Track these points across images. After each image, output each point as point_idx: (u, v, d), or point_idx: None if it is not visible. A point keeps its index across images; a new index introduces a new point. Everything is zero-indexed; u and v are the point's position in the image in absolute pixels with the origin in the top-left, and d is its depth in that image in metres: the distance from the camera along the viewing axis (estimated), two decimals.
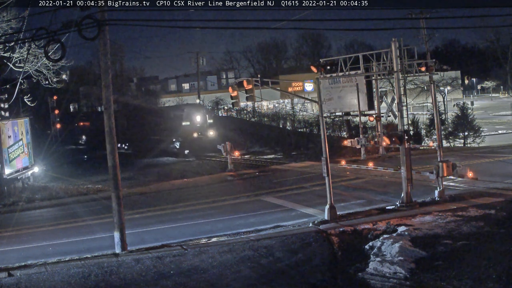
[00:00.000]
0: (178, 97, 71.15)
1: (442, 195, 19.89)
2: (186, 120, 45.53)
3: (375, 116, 33.10)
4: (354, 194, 22.79)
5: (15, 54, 24.99)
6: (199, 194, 26.14)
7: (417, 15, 45.16)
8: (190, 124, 45.18)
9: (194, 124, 45.06)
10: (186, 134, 44.25)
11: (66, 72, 63.84)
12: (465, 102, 55.25)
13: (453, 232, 15.39)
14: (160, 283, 13.04)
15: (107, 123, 16.47)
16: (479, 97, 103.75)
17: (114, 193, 16.40)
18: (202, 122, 45.65)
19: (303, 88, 73.03)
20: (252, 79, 19.66)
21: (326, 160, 18.53)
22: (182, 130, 44.74)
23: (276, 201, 22.49)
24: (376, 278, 12.43)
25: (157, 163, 40.91)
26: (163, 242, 16.72)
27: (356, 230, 16.68)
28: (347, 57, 25.52)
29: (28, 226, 21.64)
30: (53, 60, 19.95)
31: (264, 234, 17.03)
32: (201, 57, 67.24)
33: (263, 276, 13.10)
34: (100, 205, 24.42)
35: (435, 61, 23.36)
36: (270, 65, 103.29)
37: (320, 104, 19.26)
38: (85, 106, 78.48)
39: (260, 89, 20.15)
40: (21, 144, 31.38)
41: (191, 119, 45.37)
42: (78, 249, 16.79)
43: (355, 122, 38.04)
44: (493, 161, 28.83)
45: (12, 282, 13.59)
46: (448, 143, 43.12)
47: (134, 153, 47.97)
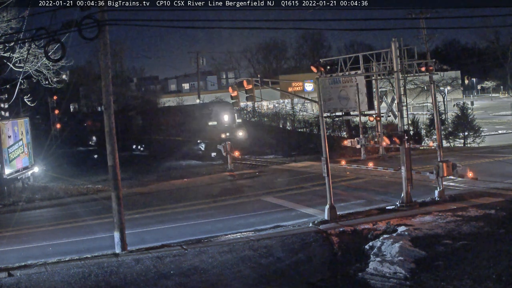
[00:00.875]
0: (178, 97, 71.10)
1: (442, 195, 19.89)
2: (213, 120, 41.42)
3: (375, 116, 33.13)
4: (354, 194, 22.79)
5: (15, 54, 24.99)
6: (199, 194, 26.14)
7: (417, 15, 45.20)
8: (217, 124, 41.10)
9: (221, 124, 40.97)
10: (213, 135, 40.11)
11: (66, 72, 63.87)
12: (465, 102, 55.25)
13: (453, 232, 15.38)
14: (160, 283, 13.04)
15: (107, 123, 16.47)
16: (479, 97, 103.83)
17: (114, 193, 16.40)
18: (230, 122, 41.74)
19: (303, 88, 73.01)
20: (252, 79, 19.65)
21: (326, 160, 18.54)
22: (208, 131, 40.78)
23: (276, 201, 22.50)
24: (376, 278, 12.44)
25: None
26: (163, 242, 16.71)
27: (356, 230, 16.68)
28: (347, 57, 25.54)
29: (28, 226, 21.63)
30: (53, 60, 19.95)
31: (264, 234, 17.03)
32: (201, 57, 67.19)
33: (263, 276, 13.11)
34: (100, 205, 24.41)
35: (435, 61, 23.36)
36: (270, 65, 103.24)
37: (320, 104, 19.26)
38: (85, 106, 78.44)
39: (260, 89, 20.15)
40: (21, 144, 31.37)
41: (218, 118, 41.31)
42: (78, 249, 16.78)
43: (355, 122, 38.02)
44: (493, 161, 28.82)
45: (12, 282, 13.59)
46: (448, 143, 43.12)
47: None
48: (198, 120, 42.08)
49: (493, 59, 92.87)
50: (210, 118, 41.47)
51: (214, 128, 40.72)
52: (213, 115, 41.53)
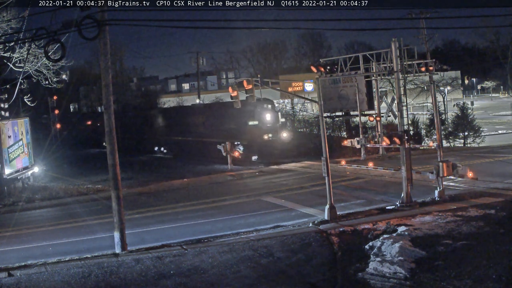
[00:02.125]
0: (178, 97, 71.10)
1: (442, 195, 19.90)
2: (253, 119, 36.93)
3: (375, 116, 33.15)
4: (354, 194, 22.79)
5: (15, 54, 25.00)
6: (199, 194, 26.13)
7: (417, 15, 45.19)
8: (258, 124, 36.64)
9: (264, 124, 36.60)
10: (253, 136, 35.88)
11: (66, 72, 63.78)
12: (465, 102, 55.24)
13: (453, 232, 15.39)
14: (160, 283, 13.04)
15: (107, 123, 16.47)
16: (479, 97, 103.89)
17: (114, 193, 16.42)
18: (273, 122, 37.39)
19: (303, 88, 73.03)
20: (252, 79, 19.66)
21: (326, 160, 18.55)
22: (247, 131, 36.38)
23: (276, 201, 22.50)
24: (376, 278, 12.44)
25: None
26: (163, 242, 16.72)
27: (356, 230, 16.68)
28: (347, 57, 25.53)
29: (28, 226, 21.63)
30: (53, 60, 19.97)
31: (264, 234, 17.03)
32: (201, 57, 67.18)
33: (263, 276, 13.10)
34: (100, 205, 24.42)
35: (435, 61, 23.38)
36: (270, 65, 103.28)
37: (320, 104, 19.27)
38: (85, 106, 78.42)
39: (260, 89, 20.18)
40: (21, 144, 31.38)
41: (260, 117, 36.71)
42: (78, 249, 16.79)
43: (355, 122, 38.04)
44: (493, 161, 28.83)
45: (12, 282, 13.60)
46: (448, 143, 43.12)
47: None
48: (235, 120, 37.61)
49: (493, 59, 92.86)
50: (252, 117, 37.04)
51: (255, 128, 36.67)
52: (256, 114, 37.02)
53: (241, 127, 36.98)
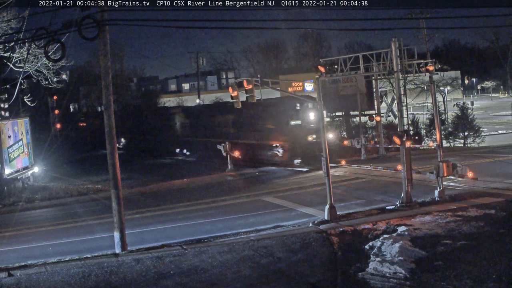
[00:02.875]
0: (178, 97, 71.11)
1: (442, 195, 19.90)
2: (296, 119, 33.76)
3: (375, 116, 33.17)
4: (354, 194, 22.79)
5: (15, 54, 24.99)
6: (199, 194, 26.13)
7: (417, 15, 45.25)
8: (301, 123, 33.45)
9: (307, 124, 33.23)
10: (295, 137, 32.66)
11: (66, 72, 63.84)
12: (465, 102, 55.29)
13: (453, 232, 15.39)
14: (160, 283, 13.03)
15: (107, 123, 16.47)
16: (479, 97, 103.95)
17: (114, 193, 16.41)
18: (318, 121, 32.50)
19: (303, 88, 72.96)
20: (252, 79, 19.64)
21: (326, 160, 18.55)
22: (289, 132, 33.18)
23: (276, 201, 22.50)
24: (376, 278, 12.43)
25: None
26: (163, 242, 16.72)
27: (356, 230, 16.68)
28: (347, 57, 25.51)
29: (28, 226, 21.64)
30: (53, 60, 19.95)
31: (264, 234, 17.03)
32: (201, 57, 67.26)
33: (263, 276, 13.10)
34: (100, 205, 24.43)
35: (435, 61, 23.38)
36: (270, 65, 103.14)
37: (320, 104, 19.27)
38: (85, 106, 78.45)
39: (260, 89, 20.15)
40: (21, 144, 31.40)
41: (303, 117, 33.52)
42: (78, 249, 16.79)
43: (355, 122, 38.04)
44: (493, 161, 28.82)
45: (12, 282, 13.59)
46: (448, 143, 43.12)
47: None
48: (274, 119, 34.46)
49: (493, 59, 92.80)
50: (295, 116, 33.84)
51: (298, 128, 33.43)
52: (299, 113, 33.84)
53: (281, 128, 33.91)
